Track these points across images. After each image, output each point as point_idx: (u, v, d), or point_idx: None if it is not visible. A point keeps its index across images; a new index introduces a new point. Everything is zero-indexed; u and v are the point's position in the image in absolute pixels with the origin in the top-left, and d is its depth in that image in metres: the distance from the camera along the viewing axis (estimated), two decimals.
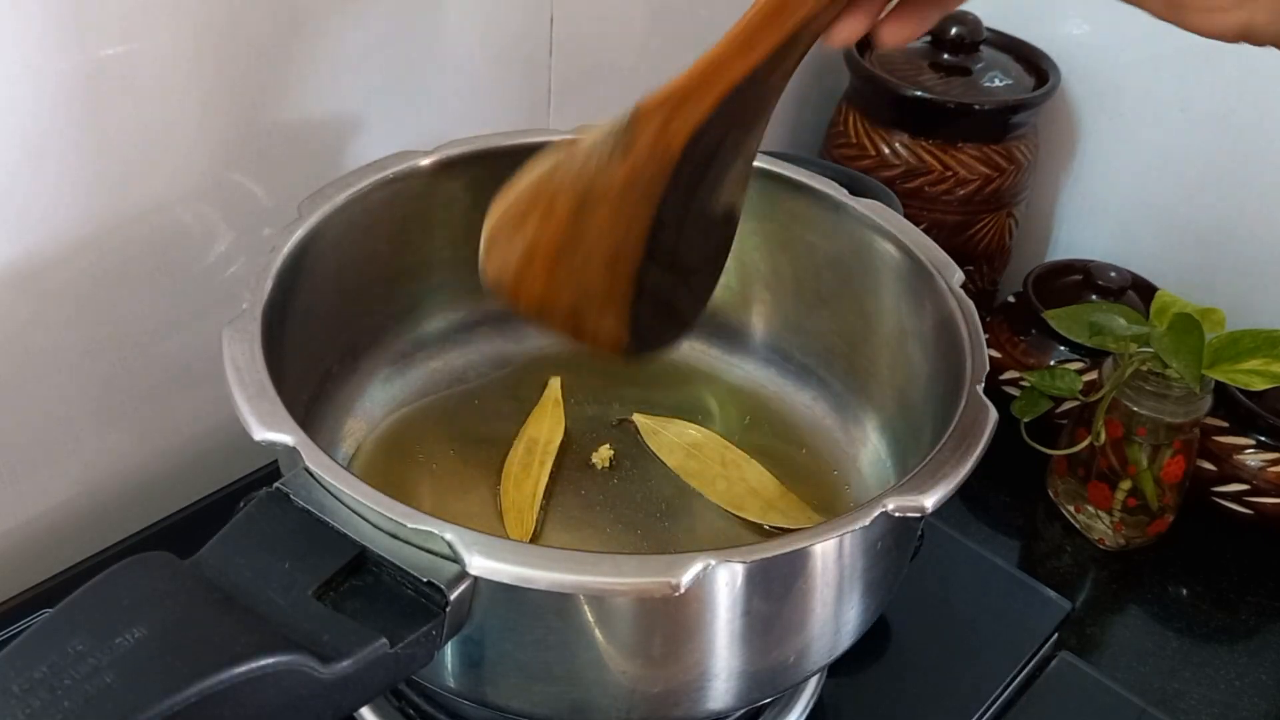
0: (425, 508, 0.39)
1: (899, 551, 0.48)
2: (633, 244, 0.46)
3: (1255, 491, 0.73)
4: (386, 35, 0.65)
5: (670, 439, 0.60)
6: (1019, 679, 0.59)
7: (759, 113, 0.43)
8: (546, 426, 0.60)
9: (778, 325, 0.64)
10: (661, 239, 0.45)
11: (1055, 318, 0.73)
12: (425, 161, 0.58)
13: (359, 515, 0.40)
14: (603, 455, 0.59)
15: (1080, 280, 0.82)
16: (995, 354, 0.79)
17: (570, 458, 0.59)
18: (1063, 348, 0.79)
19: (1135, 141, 0.88)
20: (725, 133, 0.43)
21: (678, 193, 0.44)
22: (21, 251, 0.55)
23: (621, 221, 0.45)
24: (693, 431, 0.61)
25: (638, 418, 0.61)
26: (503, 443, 0.59)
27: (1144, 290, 0.80)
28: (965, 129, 0.84)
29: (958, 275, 0.53)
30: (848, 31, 0.40)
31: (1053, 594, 0.64)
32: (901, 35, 0.41)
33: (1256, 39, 0.37)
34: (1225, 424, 0.74)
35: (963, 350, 0.50)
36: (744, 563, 0.40)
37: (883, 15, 0.41)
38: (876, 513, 0.41)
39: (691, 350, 0.65)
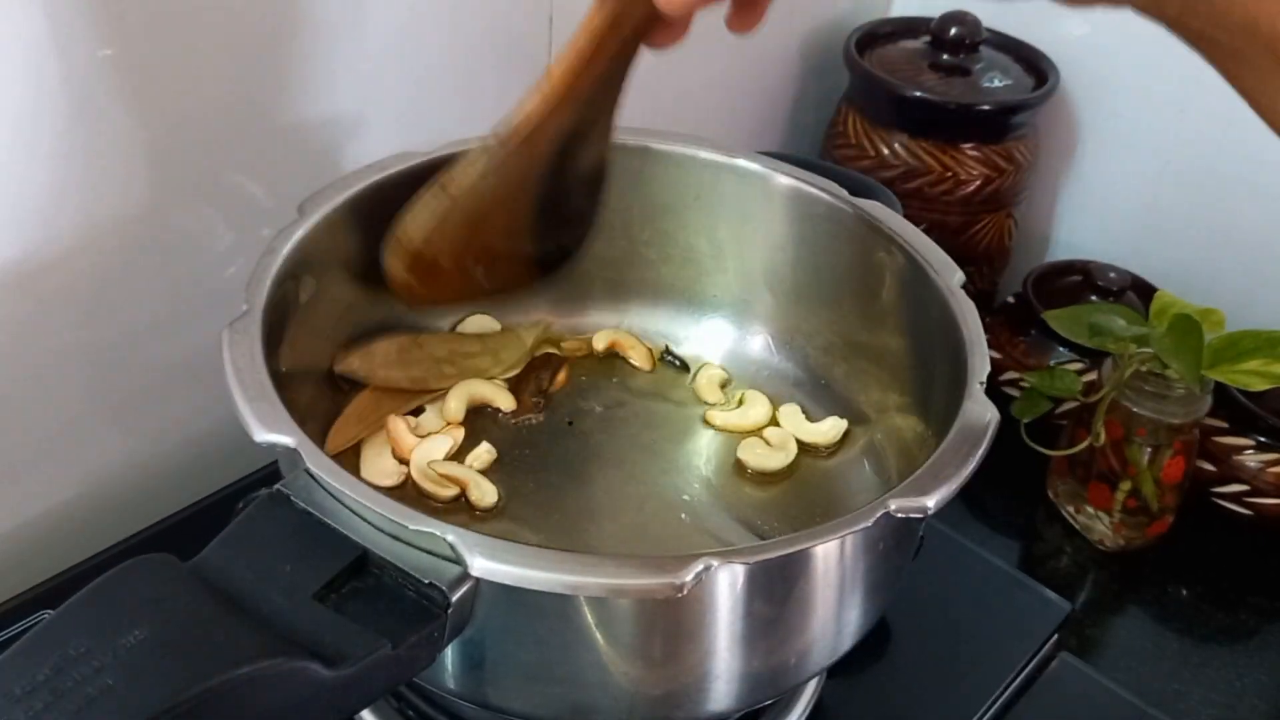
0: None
1: (900, 552, 0.48)
2: (525, 217, 0.54)
3: (1255, 492, 0.73)
4: (386, 35, 0.64)
5: (381, 364, 0.58)
6: (1019, 680, 0.59)
7: (612, 100, 0.51)
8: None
9: (778, 326, 0.64)
10: (547, 211, 0.54)
11: (1055, 318, 0.73)
12: (425, 162, 0.58)
13: (360, 517, 0.40)
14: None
15: (1080, 281, 0.82)
16: (995, 354, 0.79)
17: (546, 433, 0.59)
18: (1062, 348, 0.79)
19: (1135, 141, 0.88)
20: (583, 126, 0.51)
21: (552, 175, 0.52)
22: (21, 253, 0.55)
23: (511, 210, 0.53)
24: (386, 346, 0.59)
25: (340, 370, 0.58)
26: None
27: (1144, 291, 0.80)
28: (965, 129, 0.84)
29: (958, 276, 0.53)
30: (664, 40, 0.47)
31: (1053, 595, 0.64)
32: (743, 26, 0.48)
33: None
34: (1225, 425, 0.74)
35: (963, 351, 0.50)
36: (745, 564, 0.40)
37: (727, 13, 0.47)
38: (879, 514, 0.41)
39: (691, 351, 0.65)
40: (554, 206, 0.54)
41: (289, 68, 0.61)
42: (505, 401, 0.60)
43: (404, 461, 0.56)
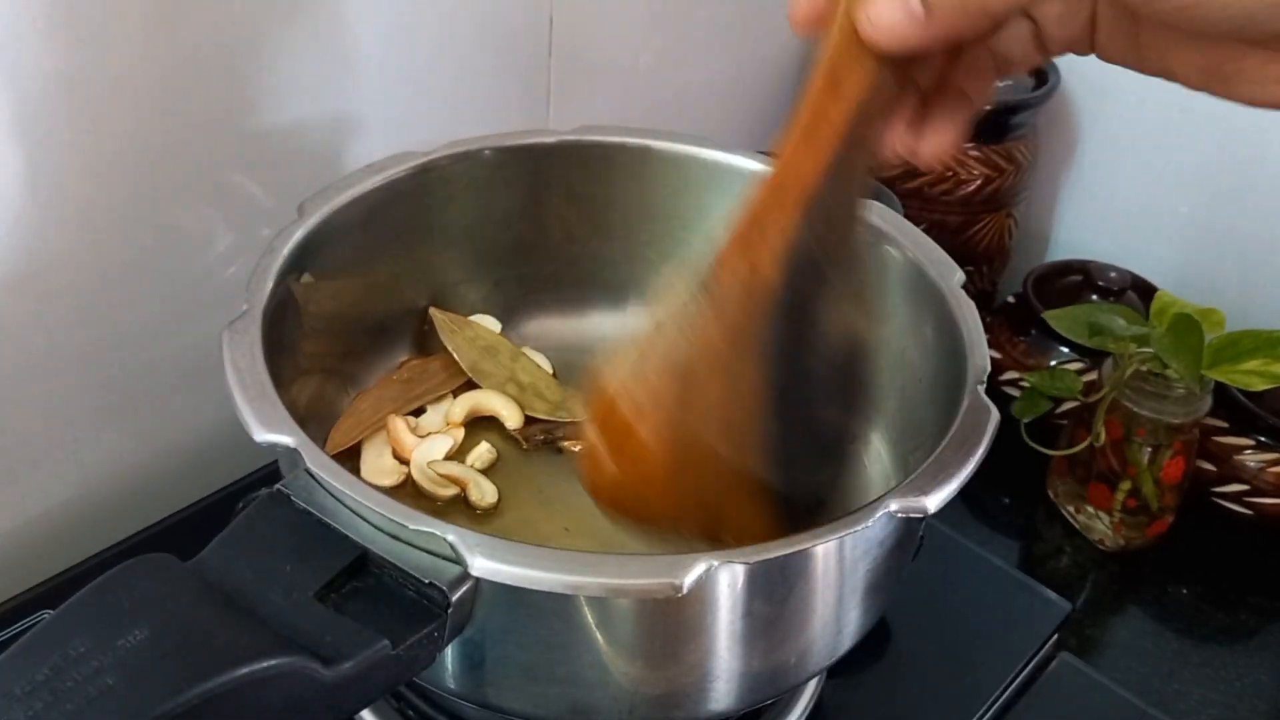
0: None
1: (900, 553, 0.48)
2: (753, 408, 0.39)
3: (1255, 492, 0.73)
4: (386, 35, 0.64)
5: (466, 338, 0.60)
6: (1019, 680, 0.59)
7: (848, 219, 0.39)
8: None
9: None
10: (785, 394, 0.39)
11: (1055, 318, 0.73)
12: (425, 162, 0.58)
13: (360, 517, 0.40)
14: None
15: (1080, 281, 0.82)
16: (995, 354, 0.79)
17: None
18: (1063, 348, 0.79)
19: (1135, 142, 0.88)
20: (818, 249, 0.38)
21: (786, 332, 0.38)
22: (21, 253, 0.55)
23: (733, 378, 0.39)
24: (487, 333, 0.62)
25: (434, 313, 0.61)
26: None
27: (1144, 290, 0.80)
28: None
29: (958, 276, 0.53)
30: (893, 145, 0.38)
31: (1053, 595, 0.64)
32: (939, 146, 0.39)
33: None
34: (1225, 425, 0.74)
35: (963, 351, 0.50)
36: (746, 564, 0.39)
37: (919, 135, 0.39)
38: (879, 514, 0.41)
39: None
40: (794, 402, 0.39)
41: (288, 68, 0.61)
42: (513, 418, 0.59)
43: (404, 461, 0.56)
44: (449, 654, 0.42)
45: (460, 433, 0.58)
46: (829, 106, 0.36)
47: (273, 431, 0.42)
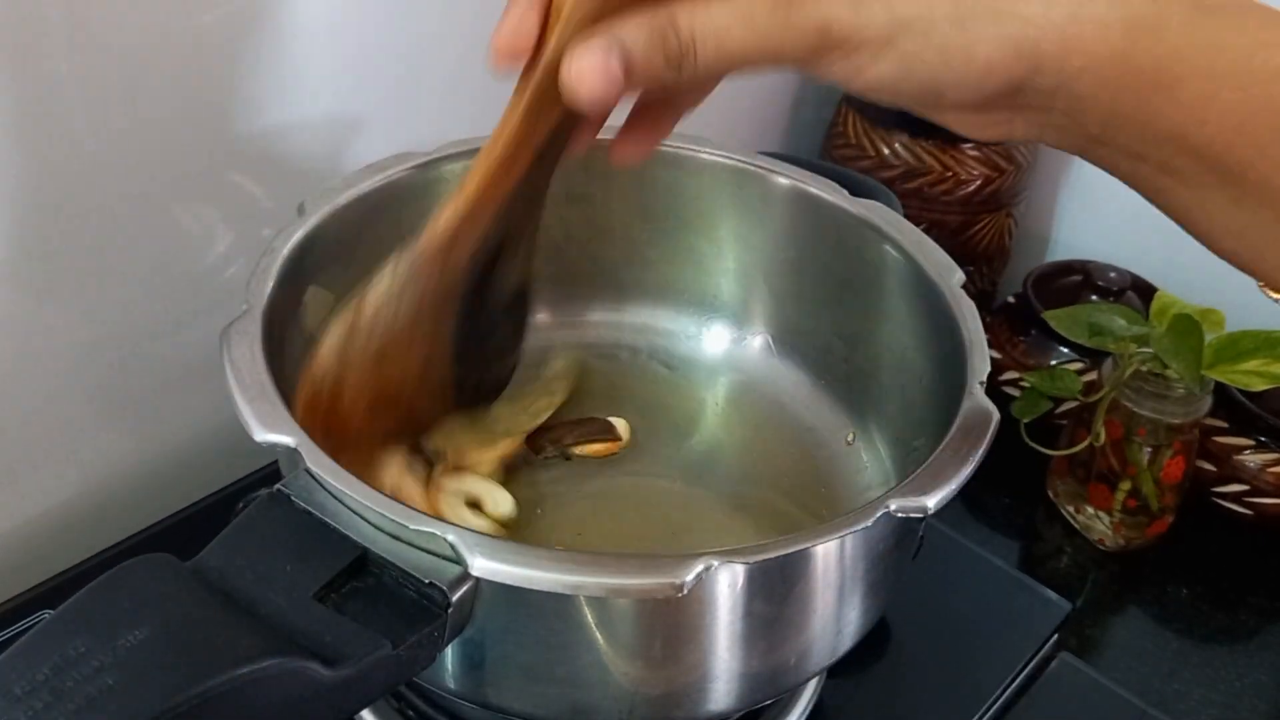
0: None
1: (900, 552, 0.48)
2: (441, 360, 0.49)
3: (1255, 492, 0.73)
4: (386, 36, 0.65)
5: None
6: (1019, 680, 0.59)
7: (532, 210, 0.47)
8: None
9: (778, 326, 0.64)
10: (466, 343, 0.49)
11: (1055, 318, 0.73)
12: (425, 162, 0.58)
13: (360, 517, 0.40)
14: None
15: (1080, 281, 0.82)
16: (995, 354, 0.79)
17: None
18: (1062, 348, 0.79)
19: None
20: (503, 237, 0.46)
21: (471, 300, 0.48)
22: (21, 252, 0.55)
23: (425, 351, 0.48)
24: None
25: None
26: None
27: (1144, 291, 0.80)
28: None
29: (958, 276, 0.53)
30: (580, 149, 0.43)
31: (1053, 595, 0.64)
32: (633, 155, 0.43)
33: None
34: (1225, 425, 0.74)
35: (963, 351, 0.50)
36: (746, 563, 0.40)
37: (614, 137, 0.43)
38: (879, 513, 0.41)
39: (692, 350, 0.65)
40: (475, 337, 0.50)
41: (289, 68, 0.61)
42: (503, 506, 0.55)
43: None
44: (449, 654, 0.42)
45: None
46: (529, 134, 0.41)
47: (272, 431, 0.42)
